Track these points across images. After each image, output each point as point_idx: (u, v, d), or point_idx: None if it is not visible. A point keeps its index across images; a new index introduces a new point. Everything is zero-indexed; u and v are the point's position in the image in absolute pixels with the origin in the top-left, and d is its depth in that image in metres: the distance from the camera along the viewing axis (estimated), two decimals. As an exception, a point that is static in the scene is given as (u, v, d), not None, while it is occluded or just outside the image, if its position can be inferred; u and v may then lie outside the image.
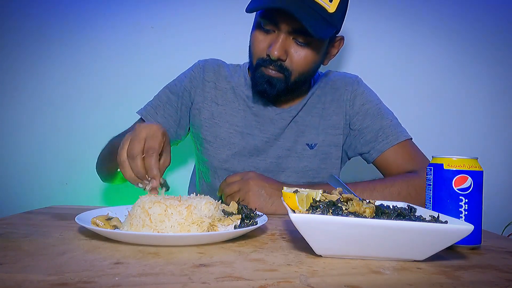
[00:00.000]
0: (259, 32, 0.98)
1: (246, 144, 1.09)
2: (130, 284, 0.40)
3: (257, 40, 0.99)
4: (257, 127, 1.10)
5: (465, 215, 0.60)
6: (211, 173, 1.12)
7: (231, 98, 1.12)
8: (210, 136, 1.10)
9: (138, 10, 1.48)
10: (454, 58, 1.50)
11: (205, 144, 1.11)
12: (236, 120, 1.10)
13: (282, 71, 0.97)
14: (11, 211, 0.88)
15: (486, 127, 1.50)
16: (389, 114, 1.10)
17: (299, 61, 0.97)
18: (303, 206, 0.58)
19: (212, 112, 1.11)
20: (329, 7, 0.92)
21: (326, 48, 1.02)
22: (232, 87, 1.13)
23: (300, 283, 0.42)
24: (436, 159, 0.63)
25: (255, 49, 1.00)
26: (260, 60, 0.99)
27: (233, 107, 1.11)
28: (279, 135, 1.10)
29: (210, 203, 0.64)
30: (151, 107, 1.11)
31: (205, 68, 1.14)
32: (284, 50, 0.95)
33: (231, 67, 1.17)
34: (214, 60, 1.17)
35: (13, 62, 1.49)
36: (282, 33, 0.94)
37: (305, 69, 0.99)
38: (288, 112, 1.09)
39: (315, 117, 1.11)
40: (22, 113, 1.50)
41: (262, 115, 1.10)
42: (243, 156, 1.09)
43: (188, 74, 1.14)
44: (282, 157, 1.09)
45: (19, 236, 0.61)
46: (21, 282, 0.40)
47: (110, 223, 0.63)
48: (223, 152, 1.09)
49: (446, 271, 0.49)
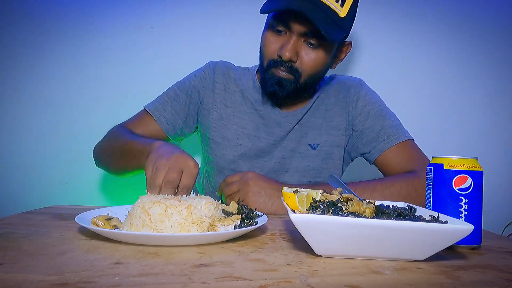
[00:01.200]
0: (270, 33, 1.01)
1: (252, 146, 1.11)
2: (130, 284, 0.40)
3: (269, 41, 1.01)
4: (263, 129, 1.11)
5: (465, 215, 0.60)
6: (216, 172, 1.13)
7: (240, 101, 1.14)
8: (217, 137, 1.12)
9: (138, 10, 1.48)
10: (454, 58, 1.51)
11: (212, 144, 1.12)
12: (243, 122, 1.12)
13: (292, 72, 0.99)
14: (11, 211, 0.88)
15: (486, 127, 1.50)
16: (391, 115, 1.11)
17: (309, 63, 0.99)
18: (303, 206, 0.58)
19: (221, 113, 1.13)
20: (340, 12, 0.94)
21: (335, 52, 1.04)
22: (240, 90, 1.14)
23: (300, 283, 0.42)
24: (436, 159, 0.63)
25: (267, 50, 1.02)
26: (271, 62, 1.01)
27: (241, 110, 1.13)
28: (284, 137, 1.11)
29: (210, 203, 0.64)
30: (159, 102, 1.11)
31: (215, 70, 1.16)
32: (295, 51, 0.97)
33: (239, 70, 1.19)
34: (224, 62, 1.19)
35: (13, 62, 1.49)
36: (294, 35, 0.96)
37: (314, 71, 1.01)
38: (294, 116, 1.11)
39: (318, 118, 1.13)
40: (22, 113, 1.50)
41: (269, 118, 1.11)
42: (249, 157, 1.11)
43: (198, 74, 1.16)
44: (286, 157, 1.11)
45: (19, 236, 0.61)
46: (21, 282, 0.40)
47: (110, 223, 0.63)
48: (230, 153, 1.11)
49: (446, 271, 0.49)
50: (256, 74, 1.15)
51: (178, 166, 0.74)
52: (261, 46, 1.05)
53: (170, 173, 0.73)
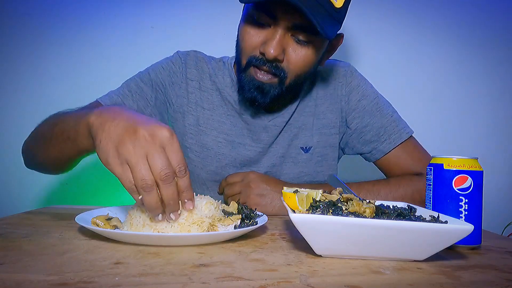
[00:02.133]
0: (250, 26, 0.84)
1: (237, 155, 0.99)
2: (130, 284, 0.40)
3: (248, 34, 0.85)
4: (249, 136, 0.99)
5: (465, 215, 0.60)
6: (198, 185, 1.02)
7: (218, 101, 0.99)
8: (195, 145, 0.99)
9: (138, 10, 1.48)
10: (455, 58, 1.51)
11: (190, 154, 0.99)
12: (224, 127, 0.98)
13: (277, 73, 0.85)
14: (11, 211, 0.88)
15: (486, 127, 1.50)
16: (388, 108, 1.03)
17: (298, 62, 0.85)
18: (303, 206, 0.58)
19: (197, 117, 0.98)
20: (336, 1, 0.80)
21: (326, 47, 0.91)
22: (217, 88, 1.00)
23: (300, 283, 0.42)
24: (436, 159, 0.63)
25: (246, 45, 0.85)
26: (252, 59, 0.85)
27: (220, 113, 0.99)
28: (272, 143, 1.00)
29: (210, 203, 0.64)
30: (117, 95, 0.93)
31: (187, 63, 0.99)
32: (281, 48, 0.82)
33: (213, 63, 1.02)
34: (195, 52, 1.02)
35: (13, 62, 1.49)
36: (280, 28, 0.81)
37: (302, 71, 0.87)
38: (282, 117, 0.99)
39: (308, 116, 1.02)
40: (22, 113, 1.49)
41: (253, 123, 0.98)
42: (234, 167, 0.99)
43: (166, 67, 0.99)
44: (277, 165, 1.01)
45: (19, 236, 0.61)
46: (21, 282, 0.40)
47: (110, 223, 0.63)
48: (211, 163, 0.98)
49: (446, 271, 0.49)
50: (234, 70, 0.99)
51: (156, 143, 0.53)
52: (238, 40, 0.88)
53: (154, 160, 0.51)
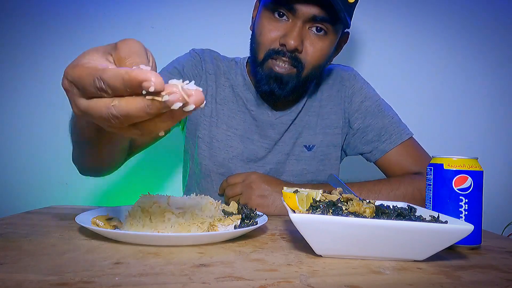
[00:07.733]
0: (268, 20, 0.89)
1: (244, 149, 1.02)
2: (130, 284, 0.40)
3: (267, 29, 0.89)
4: (256, 132, 1.03)
5: (465, 215, 0.60)
6: (203, 176, 1.04)
7: (230, 97, 1.04)
8: (206, 136, 1.02)
9: (138, 10, 1.48)
10: (454, 58, 1.51)
11: (200, 143, 1.03)
12: (234, 122, 1.03)
13: (295, 65, 0.89)
14: (11, 211, 0.87)
15: (486, 127, 1.50)
16: (389, 110, 1.07)
17: (315, 53, 0.89)
18: (303, 206, 0.58)
19: (211, 109, 1.03)
20: None
21: (336, 43, 0.95)
22: (231, 85, 1.04)
23: (300, 283, 0.42)
24: (436, 159, 0.63)
25: (265, 38, 0.90)
26: (271, 51, 0.89)
27: (232, 108, 1.03)
28: (278, 140, 1.04)
29: (210, 203, 0.64)
30: None
31: (204, 58, 1.04)
32: (301, 39, 0.87)
33: (227, 62, 1.07)
34: (210, 51, 1.07)
35: (13, 62, 1.49)
36: (299, 20, 0.86)
37: (318, 62, 0.92)
38: (288, 115, 1.04)
39: (312, 116, 1.06)
40: (22, 113, 1.50)
41: (262, 119, 1.03)
42: (241, 161, 1.02)
43: (188, 61, 1.03)
44: (281, 162, 1.04)
45: (19, 236, 0.61)
46: (21, 282, 0.40)
47: (110, 223, 0.63)
48: (219, 154, 1.02)
49: (446, 271, 0.49)
50: (246, 70, 1.04)
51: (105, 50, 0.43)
52: (256, 35, 0.92)
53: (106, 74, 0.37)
